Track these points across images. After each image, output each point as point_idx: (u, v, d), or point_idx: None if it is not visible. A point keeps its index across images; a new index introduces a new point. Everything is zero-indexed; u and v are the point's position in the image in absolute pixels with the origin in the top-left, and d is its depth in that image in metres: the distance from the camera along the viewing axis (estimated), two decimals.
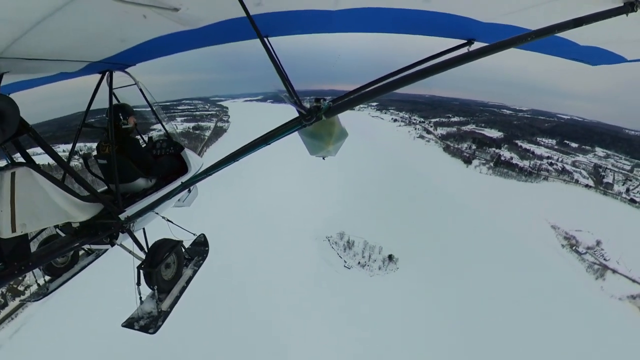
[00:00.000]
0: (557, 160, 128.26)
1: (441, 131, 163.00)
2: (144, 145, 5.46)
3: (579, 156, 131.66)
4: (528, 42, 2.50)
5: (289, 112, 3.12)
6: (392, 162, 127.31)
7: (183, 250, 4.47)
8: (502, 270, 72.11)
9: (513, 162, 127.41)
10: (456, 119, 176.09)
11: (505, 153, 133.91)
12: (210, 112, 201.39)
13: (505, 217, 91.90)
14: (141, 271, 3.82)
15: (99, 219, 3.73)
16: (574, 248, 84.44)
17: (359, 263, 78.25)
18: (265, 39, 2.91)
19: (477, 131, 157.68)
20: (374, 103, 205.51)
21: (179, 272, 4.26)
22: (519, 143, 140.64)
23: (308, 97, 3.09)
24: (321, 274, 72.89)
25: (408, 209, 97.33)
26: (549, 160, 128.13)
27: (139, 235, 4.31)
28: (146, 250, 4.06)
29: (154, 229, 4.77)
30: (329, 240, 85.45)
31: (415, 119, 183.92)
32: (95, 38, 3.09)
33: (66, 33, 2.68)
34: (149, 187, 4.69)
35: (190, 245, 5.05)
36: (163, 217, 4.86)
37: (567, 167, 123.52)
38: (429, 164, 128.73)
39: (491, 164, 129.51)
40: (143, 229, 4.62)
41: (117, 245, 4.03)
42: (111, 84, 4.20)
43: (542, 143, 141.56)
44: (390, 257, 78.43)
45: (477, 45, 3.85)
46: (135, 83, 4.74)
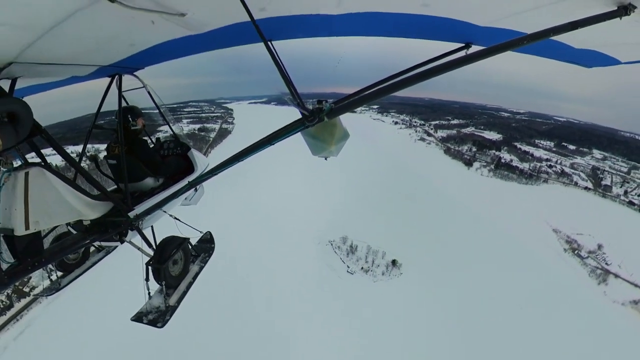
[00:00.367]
0: (556, 162, 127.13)
1: (441, 133, 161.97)
2: (152, 146, 5.49)
3: (577, 158, 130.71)
4: (524, 45, 2.50)
5: (292, 114, 3.12)
6: (394, 165, 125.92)
7: (190, 247, 4.49)
8: (506, 275, 70.71)
9: (513, 165, 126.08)
10: (456, 122, 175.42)
11: (505, 155, 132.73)
12: (215, 114, 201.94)
13: (507, 221, 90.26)
14: (150, 267, 3.86)
15: (109, 217, 3.77)
16: (576, 252, 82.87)
17: (362, 268, 76.56)
18: (269, 43, 2.92)
19: (477, 133, 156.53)
20: (375, 106, 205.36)
21: (186, 268, 4.29)
22: (518, 145, 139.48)
23: (311, 100, 3.10)
24: (324, 279, 71.34)
25: (411, 213, 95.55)
26: (548, 162, 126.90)
27: (148, 232, 4.34)
28: (154, 247, 4.11)
29: (162, 227, 4.80)
30: (332, 244, 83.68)
31: (415, 122, 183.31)
32: (105, 43, 3.12)
33: (77, 38, 2.70)
34: (157, 186, 4.72)
35: (196, 242, 5.08)
36: (170, 215, 4.90)
37: (566, 170, 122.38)
38: (431, 167, 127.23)
39: (492, 167, 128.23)
40: (151, 227, 4.65)
41: (127, 242, 4.07)
42: (120, 87, 4.24)
43: (541, 145, 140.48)
44: (393, 262, 76.71)
45: (475, 48, 3.85)
46: (143, 86, 4.77)
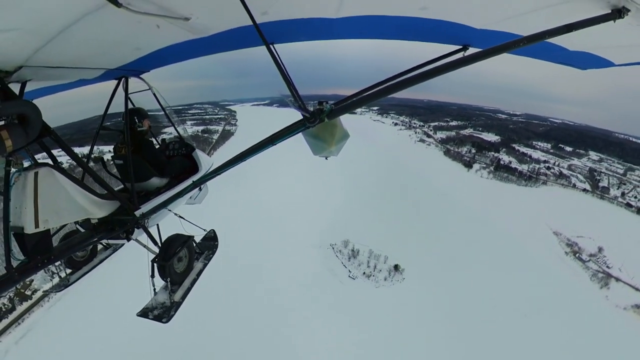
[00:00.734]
0: (554, 164, 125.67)
1: (441, 135, 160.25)
2: (158, 146, 5.51)
3: (574, 160, 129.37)
4: (520, 47, 2.50)
5: (293, 116, 3.13)
6: (395, 166, 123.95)
7: (194, 244, 4.52)
8: (509, 281, 68.82)
9: (512, 166, 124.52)
10: (454, 123, 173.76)
11: (504, 157, 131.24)
12: (219, 116, 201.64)
13: (509, 224, 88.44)
14: (155, 264, 3.88)
15: (116, 216, 3.79)
16: (577, 255, 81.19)
17: (364, 273, 74.48)
18: (271, 46, 2.93)
19: (476, 135, 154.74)
20: (375, 107, 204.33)
21: (191, 265, 4.31)
22: (516, 147, 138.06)
23: (312, 102, 3.11)
24: (325, 284, 69.14)
25: (413, 215, 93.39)
26: (546, 164, 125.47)
27: (153, 230, 4.36)
28: (160, 244, 4.12)
29: (167, 225, 4.82)
30: (333, 248, 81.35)
31: (415, 123, 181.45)
32: (111, 47, 3.14)
33: (85, 42, 2.72)
34: (163, 186, 4.73)
35: (200, 240, 5.11)
36: (175, 214, 4.91)
37: (564, 171, 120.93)
38: (431, 168, 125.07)
39: (491, 168, 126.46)
40: (157, 225, 4.67)
41: (133, 240, 4.09)
42: (127, 90, 4.26)
43: (538, 147, 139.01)
44: (396, 267, 74.73)
45: (472, 50, 3.84)
46: (149, 88, 4.80)
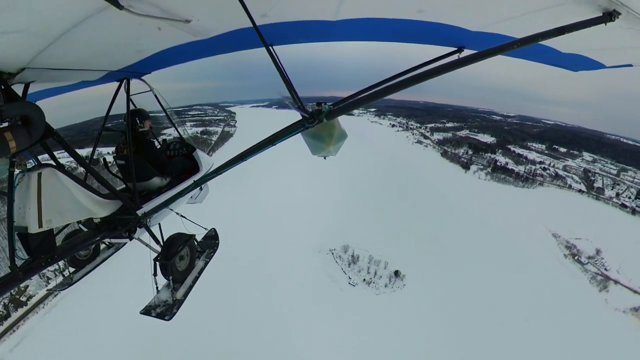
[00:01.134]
0: (550, 165, 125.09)
1: (437, 136, 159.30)
2: (159, 146, 5.50)
3: (569, 161, 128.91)
4: (514, 50, 2.51)
5: (291, 117, 3.13)
6: (394, 168, 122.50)
7: (195, 243, 4.52)
8: (511, 285, 67.42)
9: (509, 168, 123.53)
10: (450, 125, 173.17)
11: (500, 158, 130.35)
12: (218, 118, 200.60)
13: (509, 227, 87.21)
14: (157, 263, 3.88)
15: (118, 215, 3.78)
16: (576, 258, 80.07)
17: (364, 280, 72.39)
18: (270, 48, 2.93)
19: (472, 136, 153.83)
20: (373, 109, 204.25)
21: (192, 264, 4.31)
22: (512, 148, 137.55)
23: (310, 104, 3.11)
24: (326, 291, 67.13)
25: (413, 219, 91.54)
26: (542, 165, 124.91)
27: (155, 229, 4.36)
28: (162, 243, 4.13)
29: (169, 224, 4.81)
30: (333, 253, 79.13)
31: (412, 124, 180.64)
32: (113, 49, 3.13)
33: (87, 45, 2.71)
34: (164, 186, 4.72)
35: (202, 238, 5.11)
36: (177, 213, 4.91)
37: (560, 172, 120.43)
38: (429, 170, 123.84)
39: (489, 170, 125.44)
40: (159, 224, 4.67)
41: (135, 239, 4.08)
42: (128, 91, 4.25)
43: (533, 148, 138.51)
44: (396, 273, 72.86)
45: (467, 52, 3.86)
46: (150, 90, 4.79)
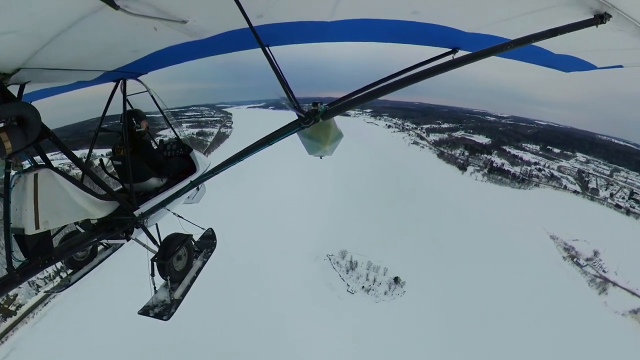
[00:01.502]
0: (545, 166, 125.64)
1: (433, 137, 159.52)
2: (156, 147, 5.45)
3: (563, 161, 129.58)
4: (508, 51, 2.51)
5: (288, 118, 3.11)
6: (392, 170, 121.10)
7: (193, 243, 4.49)
8: (511, 289, 66.53)
9: (505, 169, 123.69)
10: (446, 125, 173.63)
11: (496, 159, 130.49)
12: (215, 119, 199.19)
13: (507, 229, 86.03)
14: (155, 263, 3.85)
15: (115, 216, 3.74)
16: (575, 260, 79.34)
17: (363, 287, 70.09)
18: (266, 48, 2.91)
19: (468, 137, 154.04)
20: (369, 110, 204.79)
21: (190, 264, 4.28)
22: (507, 149, 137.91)
23: (307, 104, 3.10)
24: (323, 299, 64.89)
25: (411, 222, 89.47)
26: (537, 165, 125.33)
27: (152, 230, 4.33)
28: (159, 243, 4.09)
29: (166, 224, 4.78)
30: (330, 259, 75.91)
31: (408, 125, 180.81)
32: (109, 49, 3.10)
33: (83, 45, 2.68)
34: (161, 186, 4.69)
35: (199, 238, 5.07)
36: (174, 213, 4.87)
37: (555, 173, 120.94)
38: (426, 172, 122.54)
39: (485, 171, 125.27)
40: (156, 225, 4.64)
41: (132, 239, 4.05)
42: (125, 91, 4.20)
43: (528, 149, 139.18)
44: (396, 280, 70.79)
45: (461, 53, 3.87)
46: (147, 90, 4.74)
